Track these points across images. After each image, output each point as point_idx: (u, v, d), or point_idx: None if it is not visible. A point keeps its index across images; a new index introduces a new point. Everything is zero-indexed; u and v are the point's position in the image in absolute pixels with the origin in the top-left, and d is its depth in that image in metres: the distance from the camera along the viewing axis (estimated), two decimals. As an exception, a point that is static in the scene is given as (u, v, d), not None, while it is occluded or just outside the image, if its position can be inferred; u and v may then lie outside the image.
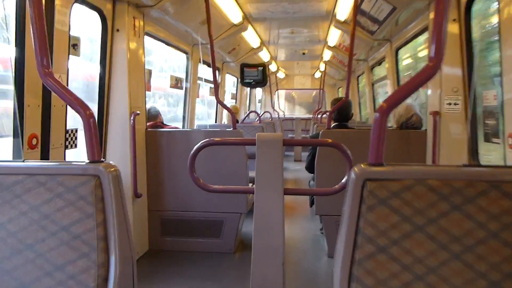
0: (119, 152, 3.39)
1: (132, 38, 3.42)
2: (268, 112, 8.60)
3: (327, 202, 3.50)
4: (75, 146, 3.01)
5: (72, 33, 2.82)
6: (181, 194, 3.66)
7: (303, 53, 8.45)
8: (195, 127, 5.58)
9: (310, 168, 3.83)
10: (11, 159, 2.47)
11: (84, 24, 3.29)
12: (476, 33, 3.04)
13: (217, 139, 2.41)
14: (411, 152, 3.42)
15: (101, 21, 3.26)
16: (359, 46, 5.68)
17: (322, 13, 5.15)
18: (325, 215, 3.53)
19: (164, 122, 4.31)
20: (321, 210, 3.54)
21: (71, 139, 2.92)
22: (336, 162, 3.49)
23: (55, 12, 2.59)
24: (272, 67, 9.57)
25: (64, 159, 2.79)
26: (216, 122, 7.10)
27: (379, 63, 6.27)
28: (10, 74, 2.39)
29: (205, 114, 6.81)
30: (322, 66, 9.47)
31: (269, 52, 7.87)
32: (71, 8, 2.77)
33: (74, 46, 2.88)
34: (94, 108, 3.42)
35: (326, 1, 4.65)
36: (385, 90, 7.13)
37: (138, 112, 3.39)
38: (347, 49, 6.38)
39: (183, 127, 5.51)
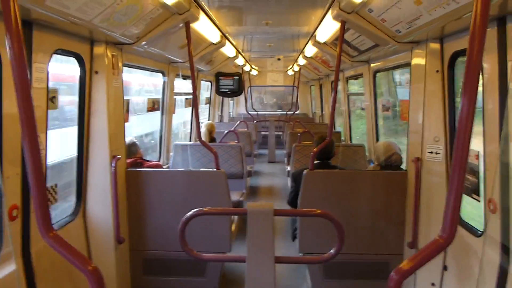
0: (99, 196, 3.28)
1: (111, 78, 3.27)
2: (243, 121, 8.54)
3: (311, 239, 3.55)
4: (56, 201, 2.90)
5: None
6: (163, 233, 3.61)
7: (278, 59, 8.41)
8: (172, 146, 5.48)
9: (293, 204, 3.87)
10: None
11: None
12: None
13: (206, 208, 2.38)
14: (391, 192, 3.51)
15: (79, 65, 3.09)
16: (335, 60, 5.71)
17: (302, 33, 5.11)
18: (310, 253, 3.59)
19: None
20: (305, 247, 3.58)
21: (52, 196, 2.81)
22: (322, 202, 3.54)
23: (32, 71, 2.44)
24: (246, 68, 9.47)
25: None
26: (190, 140, 6.96)
27: (356, 78, 6.32)
28: None
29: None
30: (296, 67, 9.46)
31: (244, 58, 7.77)
32: (49, 61, 2.61)
33: (52, 99, 2.73)
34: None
35: (307, 26, 4.62)
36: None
37: (119, 156, 3.29)
38: (324, 61, 6.40)
39: (160, 150, 5.40)
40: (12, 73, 1.22)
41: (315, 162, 3.80)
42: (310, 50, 5.98)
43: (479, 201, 2.78)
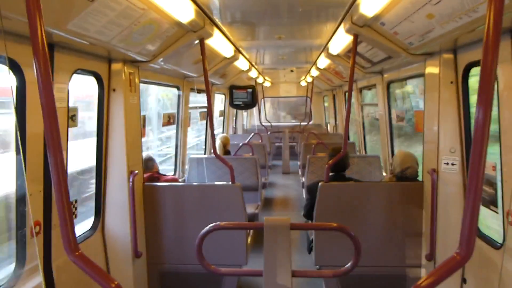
0: (118, 211, 3.35)
1: (128, 95, 3.35)
2: (257, 133, 8.60)
3: (327, 252, 3.55)
4: (75, 216, 2.97)
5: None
6: (180, 247, 3.64)
7: (291, 71, 8.45)
8: (187, 159, 5.54)
9: (308, 216, 3.87)
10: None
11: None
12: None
13: (222, 223, 2.38)
14: (407, 204, 3.49)
15: (97, 83, 3.19)
16: (349, 71, 5.71)
17: (314, 45, 5.15)
18: (326, 266, 3.58)
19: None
20: (321, 260, 3.58)
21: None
22: (338, 214, 3.54)
23: (53, 92, 2.51)
24: (259, 80, 9.55)
25: None
26: (205, 153, 7.03)
27: (369, 88, 6.32)
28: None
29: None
30: (309, 78, 9.50)
31: (257, 70, 7.84)
32: (69, 81, 2.70)
33: (72, 117, 2.82)
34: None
35: (319, 38, 4.65)
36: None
37: (136, 171, 3.35)
38: (337, 72, 6.42)
39: (176, 163, 5.47)
40: (39, 94, 1.28)
41: (330, 174, 3.81)
42: (323, 62, 6.01)
43: (497, 212, 2.75)
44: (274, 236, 2.33)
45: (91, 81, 3.17)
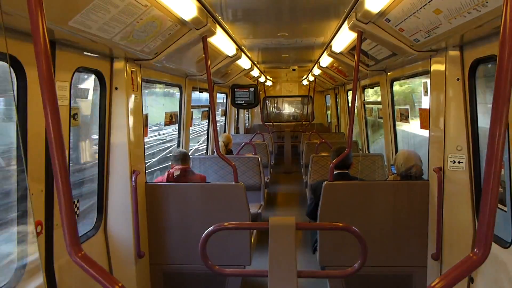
0: (120, 210, 3.32)
1: (130, 93, 3.32)
2: (259, 133, 8.56)
3: (332, 252, 3.51)
4: (77, 216, 2.93)
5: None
6: (182, 247, 3.61)
7: (293, 69, 8.42)
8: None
9: (312, 216, 3.83)
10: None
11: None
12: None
13: (226, 223, 2.35)
14: (413, 203, 3.45)
15: (99, 81, 3.15)
16: (351, 69, 5.68)
17: (317, 43, 5.11)
18: (330, 266, 3.54)
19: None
20: (326, 260, 3.54)
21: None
22: (342, 214, 3.50)
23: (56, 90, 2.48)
24: (261, 79, 9.51)
25: None
26: (207, 152, 7.00)
27: (372, 86, 6.28)
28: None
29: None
30: (311, 77, 9.45)
31: (259, 69, 7.80)
32: (72, 79, 2.67)
33: (74, 116, 2.78)
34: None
35: (322, 36, 4.61)
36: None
37: (139, 171, 3.31)
38: (339, 71, 6.38)
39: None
40: (41, 92, 1.24)
41: (334, 172, 3.77)
42: (326, 60, 5.97)
43: (505, 211, 2.71)
44: (279, 236, 2.30)
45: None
